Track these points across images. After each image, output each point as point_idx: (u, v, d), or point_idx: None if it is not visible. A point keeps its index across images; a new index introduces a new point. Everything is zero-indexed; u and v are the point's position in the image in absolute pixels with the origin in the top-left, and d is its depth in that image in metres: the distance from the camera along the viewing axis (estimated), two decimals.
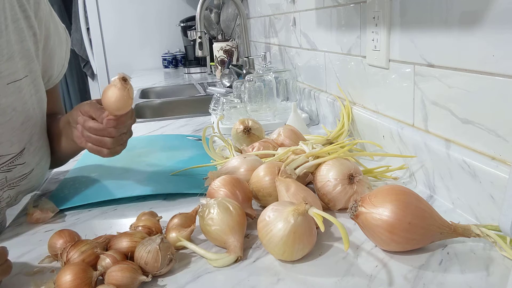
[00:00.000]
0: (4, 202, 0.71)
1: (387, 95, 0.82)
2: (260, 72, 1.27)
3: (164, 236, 0.51)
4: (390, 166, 0.74)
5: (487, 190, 0.55)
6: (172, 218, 0.60)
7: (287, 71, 1.25)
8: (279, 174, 0.63)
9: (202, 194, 0.71)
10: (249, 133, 0.93)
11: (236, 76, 1.71)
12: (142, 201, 0.73)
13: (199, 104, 1.74)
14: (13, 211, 0.74)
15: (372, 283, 0.47)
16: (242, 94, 1.21)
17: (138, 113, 1.67)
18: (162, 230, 0.59)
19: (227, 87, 1.73)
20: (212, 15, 2.19)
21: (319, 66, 1.16)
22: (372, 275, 0.48)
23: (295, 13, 1.33)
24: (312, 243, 0.52)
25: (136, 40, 2.94)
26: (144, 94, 2.01)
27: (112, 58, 2.96)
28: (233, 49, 2.09)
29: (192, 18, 2.52)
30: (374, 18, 0.82)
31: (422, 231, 0.50)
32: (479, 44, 0.57)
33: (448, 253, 0.51)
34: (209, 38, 2.25)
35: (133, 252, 0.51)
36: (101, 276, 0.49)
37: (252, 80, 1.19)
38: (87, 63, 3.34)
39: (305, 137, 0.87)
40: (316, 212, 0.49)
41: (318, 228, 0.51)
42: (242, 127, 0.93)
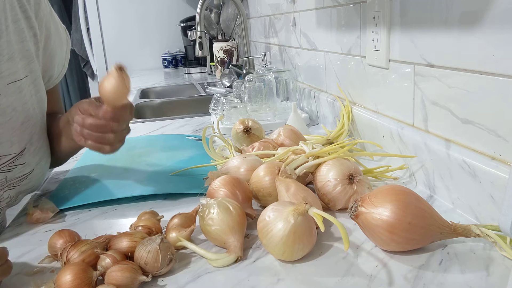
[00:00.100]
0: (4, 202, 0.71)
1: (387, 95, 0.82)
2: (260, 72, 1.27)
3: (164, 236, 0.51)
4: (390, 166, 0.74)
5: (487, 190, 0.55)
6: (172, 218, 0.60)
7: (287, 71, 1.25)
8: (279, 174, 0.63)
9: (202, 194, 0.71)
10: (249, 133, 0.93)
11: (236, 76, 1.71)
12: (142, 201, 0.73)
13: (199, 104, 1.74)
14: (13, 211, 0.74)
15: (372, 283, 0.47)
16: (242, 94, 1.21)
17: (138, 113, 1.67)
18: (162, 230, 0.59)
19: (227, 87, 1.73)
20: (212, 15, 2.19)
21: (319, 66, 1.16)
22: (372, 275, 0.48)
23: (295, 13, 1.33)
24: (312, 243, 0.52)
25: (136, 40, 2.94)
26: (144, 94, 2.01)
27: (112, 58, 2.96)
28: (233, 49, 2.09)
29: (192, 18, 2.52)
30: (374, 18, 0.82)
31: (422, 231, 0.50)
32: (479, 44, 0.57)
33: (448, 253, 0.51)
34: (209, 38, 2.25)
35: (133, 252, 0.51)
36: (101, 276, 0.49)
37: (252, 80, 1.19)
38: (87, 63, 3.34)
39: (305, 137, 0.87)
40: (316, 212, 0.49)
41: (318, 228, 0.51)
42: (242, 127, 0.93)
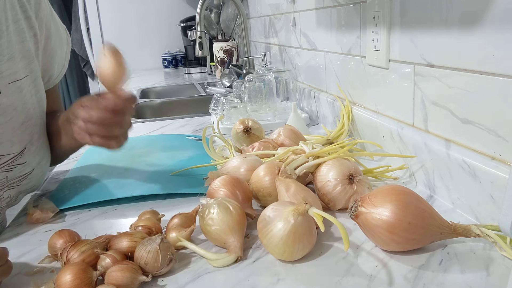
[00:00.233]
0: (5, 202, 0.71)
1: (387, 95, 0.82)
2: (260, 72, 1.27)
3: (164, 236, 0.51)
4: (390, 166, 0.74)
5: (487, 190, 0.55)
6: (172, 218, 0.60)
7: (287, 71, 1.25)
8: (279, 174, 0.63)
9: (202, 194, 0.71)
10: (249, 133, 0.93)
11: (236, 76, 1.71)
12: (142, 201, 0.73)
13: (199, 104, 1.74)
14: (13, 211, 0.74)
15: (372, 283, 0.47)
16: (242, 94, 1.21)
17: (138, 113, 1.67)
18: (162, 230, 0.59)
19: (227, 87, 1.73)
20: (212, 15, 2.19)
21: (319, 66, 1.16)
22: (372, 275, 0.48)
23: (295, 13, 1.33)
24: (312, 243, 0.52)
25: (136, 40, 2.94)
26: (144, 94, 2.01)
27: None
28: (233, 49, 2.09)
29: (192, 18, 2.52)
30: (374, 18, 0.82)
31: (422, 231, 0.50)
32: (479, 44, 0.57)
33: (448, 253, 0.51)
34: (209, 38, 2.25)
35: (133, 252, 0.51)
36: (101, 276, 0.49)
37: (252, 80, 1.19)
38: (87, 63, 3.34)
39: (305, 137, 0.87)
40: (316, 212, 0.49)
41: (318, 228, 0.51)
42: (242, 127, 0.93)
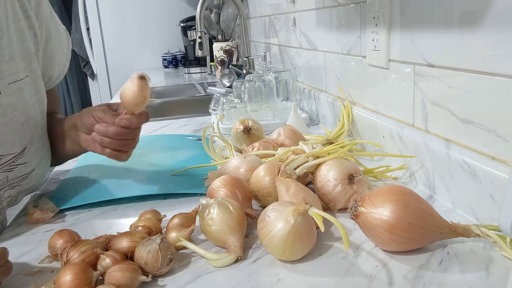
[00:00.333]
0: (5, 202, 0.71)
1: (387, 95, 0.82)
2: (260, 72, 1.27)
3: (164, 236, 0.51)
4: (390, 166, 0.74)
5: (487, 190, 0.55)
6: (172, 218, 0.60)
7: (287, 71, 1.25)
8: (279, 174, 0.63)
9: (202, 194, 0.71)
10: (249, 133, 0.93)
11: (236, 76, 1.71)
12: (142, 201, 0.73)
13: (199, 104, 1.74)
14: (13, 211, 0.74)
15: (372, 283, 0.47)
16: (242, 94, 1.21)
17: None
18: (162, 230, 0.59)
19: (227, 87, 1.73)
20: (212, 15, 2.19)
21: (319, 66, 1.16)
22: (372, 275, 0.48)
23: (295, 13, 1.33)
24: (312, 243, 0.52)
25: (136, 40, 2.94)
26: None
27: (112, 58, 2.96)
28: (233, 49, 2.09)
29: (192, 18, 2.52)
30: (374, 18, 0.82)
31: (422, 231, 0.50)
32: (479, 44, 0.57)
33: (448, 253, 0.51)
34: (209, 38, 2.26)
35: (133, 252, 0.51)
36: (101, 276, 0.49)
37: (252, 80, 1.19)
38: (87, 63, 3.34)
39: (305, 137, 0.87)
40: (316, 212, 0.49)
41: (318, 228, 0.51)
42: (242, 127, 0.93)
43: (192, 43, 2.58)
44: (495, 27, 0.54)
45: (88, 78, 3.50)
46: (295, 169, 0.65)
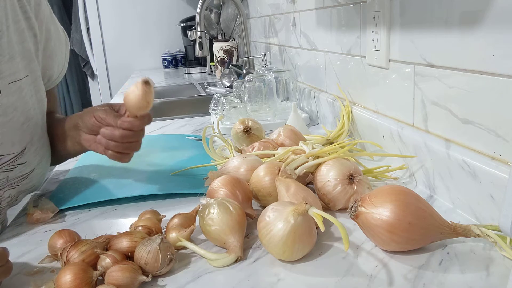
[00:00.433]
0: (5, 202, 0.71)
1: (387, 95, 0.82)
2: (260, 72, 1.27)
3: (164, 236, 0.51)
4: (390, 166, 0.74)
5: (487, 190, 0.55)
6: (172, 218, 0.60)
7: (287, 71, 1.25)
8: (279, 174, 0.63)
9: (202, 194, 0.71)
10: (249, 133, 0.93)
11: (236, 76, 1.71)
12: (142, 201, 0.73)
13: (199, 104, 1.74)
14: (13, 211, 0.74)
15: (372, 283, 0.47)
16: (242, 94, 1.21)
17: None
18: (162, 230, 0.59)
19: (227, 87, 1.73)
20: (212, 15, 2.19)
21: (319, 66, 1.16)
22: (372, 275, 0.48)
23: (295, 13, 1.33)
24: (312, 243, 0.52)
25: (136, 40, 2.94)
26: None
27: (112, 58, 2.96)
28: (233, 49, 2.09)
29: (192, 18, 2.52)
30: (374, 18, 0.82)
31: (422, 231, 0.50)
32: (479, 44, 0.57)
33: (448, 253, 0.51)
34: (209, 38, 2.26)
35: (133, 252, 0.51)
36: (101, 276, 0.49)
37: (252, 80, 1.19)
38: (87, 63, 3.34)
39: (305, 137, 0.87)
40: (316, 212, 0.49)
41: (318, 228, 0.51)
42: (242, 127, 0.93)
43: (192, 43, 2.58)
44: (495, 27, 0.54)
45: (88, 78, 3.50)
46: (295, 169, 0.65)
